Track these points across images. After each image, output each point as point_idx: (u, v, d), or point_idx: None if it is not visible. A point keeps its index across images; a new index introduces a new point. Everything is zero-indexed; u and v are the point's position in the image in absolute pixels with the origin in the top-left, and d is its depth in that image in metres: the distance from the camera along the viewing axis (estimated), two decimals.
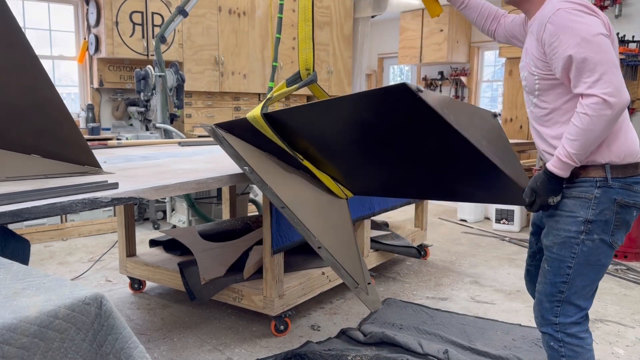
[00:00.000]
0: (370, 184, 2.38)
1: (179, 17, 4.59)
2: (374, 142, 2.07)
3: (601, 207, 1.76)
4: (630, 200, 1.77)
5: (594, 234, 1.77)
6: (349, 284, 2.12)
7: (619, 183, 1.76)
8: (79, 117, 6.15)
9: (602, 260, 1.81)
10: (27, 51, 1.95)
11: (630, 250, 4.36)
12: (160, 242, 3.62)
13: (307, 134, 2.19)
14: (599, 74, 1.62)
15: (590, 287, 1.84)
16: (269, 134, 2.18)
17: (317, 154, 2.26)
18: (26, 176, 2.10)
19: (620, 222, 1.79)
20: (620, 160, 1.76)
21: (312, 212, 2.23)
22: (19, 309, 0.97)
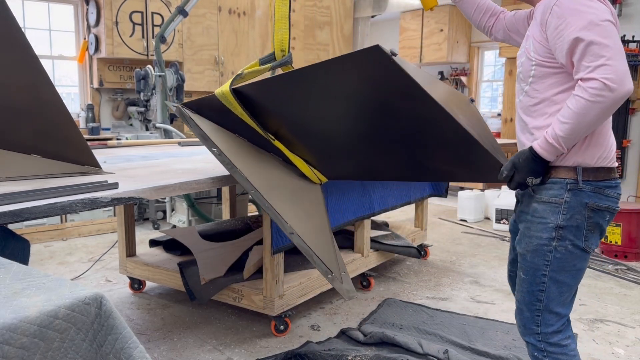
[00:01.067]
0: (344, 167, 2.27)
1: (179, 17, 4.59)
2: (346, 117, 1.98)
3: (572, 212, 1.71)
4: (602, 204, 1.72)
5: (566, 239, 1.72)
6: (322, 272, 2.05)
7: (590, 186, 1.71)
8: (79, 117, 6.15)
9: (578, 265, 1.76)
10: (27, 51, 1.95)
11: (630, 250, 4.37)
12: (160, 242, 3.62)
13: (278, 111, 2.09)
14: (604, 59, 1.54)
15: (568, 293, 1.80)
16: (238, 111, 2.07)
17: (290, 135, 2.16)
18: (26, 176, 2.10)
19: (593, 227, 1.73)
20: (593, 163, 1.71)
21: (284, 197, 2.14)
22: (19, 309, 0.97)
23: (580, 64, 1.59)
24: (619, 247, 4.38)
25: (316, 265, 2.06)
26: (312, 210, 2.23)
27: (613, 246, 4.41)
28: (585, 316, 3.23)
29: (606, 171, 1.72)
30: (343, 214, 3.23)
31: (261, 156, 2.25)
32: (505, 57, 7.77)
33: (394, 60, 1.60)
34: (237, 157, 2.12)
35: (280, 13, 2.17)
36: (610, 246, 4.43)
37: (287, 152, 2.21)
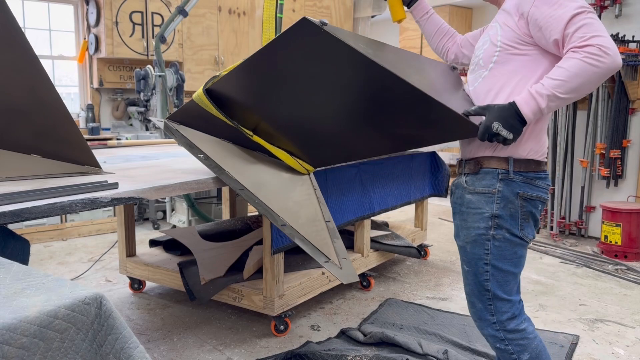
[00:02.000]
0: (324, 152, 2.23)
1: (178, 17, 4.59)
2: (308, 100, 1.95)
3: (505, 201, 1.75)
4: (533, 193, 1.77)
5: (502, 228, 1.76)
6: (318, 260, 2.03)
7: (521, 177, 1.75)
8: (79, 117, 6.15)
9: (519, 253, 1.81)
10: (27, 51, 1.95)
11: (630, 250, 4.36)
12: (160, 242, 3.62)
13: (249, 104, 2.08)
14: (599, 32, 1.55)
15: (513, 281, 1.83)
16: (213, 111, 2.07)
17: (268, 128, 2.14)
18: (26, 176, 2.10)
19: (527, 215, 1.78)
20: (525, 155, 1.75)
21: (273, 192, 2.14)
22: (19, 309, 0.97)
23: (574, 35, 1.58)
24: (619, 247, 4.38)
25: (312, 254, 2.04)
26: (303, 200, 2.22)
27: (613, 246, 4.41)
28: (585, 316, 3.23)
29: (536, 164, 1.77)
30: (343, 214, 3.23)
31: (247, 156, 2.26)
32: None
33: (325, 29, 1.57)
34: (223, 159, 2.14)
35: (268, 13, 2.20)
36: (610, 246, 4.43)
37: (268, 146, 2.20)
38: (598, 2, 4.80)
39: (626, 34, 4.71)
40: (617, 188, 4.84)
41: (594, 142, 4.81)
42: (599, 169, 4.72)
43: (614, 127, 4.70)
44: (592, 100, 4.77)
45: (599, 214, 4.76)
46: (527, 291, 3.63)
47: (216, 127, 2.19)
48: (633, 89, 4.65)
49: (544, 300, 3.48)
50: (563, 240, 4.92)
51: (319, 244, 2.07)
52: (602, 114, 4.73)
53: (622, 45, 4.62)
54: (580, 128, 4.97)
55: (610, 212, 4.45)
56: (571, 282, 3.83)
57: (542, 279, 3.90)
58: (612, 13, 4.82)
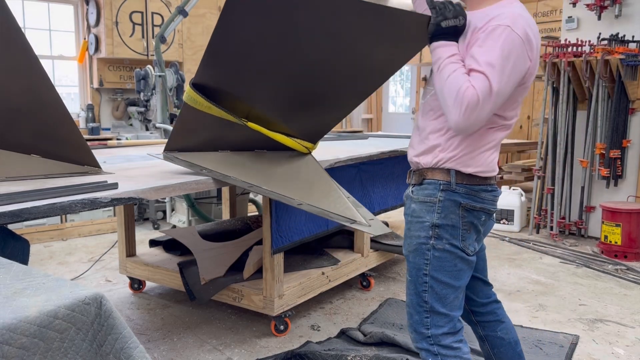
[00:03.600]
0: (316, 122, 2.26)
1: (179, 17, 4.59)
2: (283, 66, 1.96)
3: (446, 211, 1.73)
4: (476, 205, 1.75)
5: (442, 238, 1.73)
6: (345, 223, 2.05)
7: (464, 189, 1.74)
8: (79, 117, 6.15)
9: (459, 266, 1.77)
10: (27, 51, 1.95)
11: (630, 250, 4.36)
12: (160, 242, 3.62)
13: (236, 91, 2.07)
14: (498, 70, 1.56)
15: (453, 295, 1.78)
16: (204, 106, 2.05)
17: (260, 113, 2.15)
18: (26, 176, 2.10)
19: (469, 226, 1.75)
20: (465, 170, 1.73)
21: (281, 179, 2.17)
22: (19, 309, 0.97)
23: (478, 50, 1.61)
24: (619, 247, 4.38)
25: (337, 220, 2.05)
26: (312, 177, 2.24)
27: (613, 246, 4.41)
28: (585, 316, 3.23)
29: (480, 179, 1.76)
30: None
31: (246, 157, 2.30)
32: None
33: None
34: (224, 167, 2.20)
35: None
36: (610, 246, 4.43)
37: (264, 130, 2.19)
38: (598, 2, 4.80)
39: (626, 34, 4.71)
40: (617, 188, 4.84)
41: (594, 142, 4.81)
42: (599, 169, 4.72)
43: (613, 127, 4.70)
44: (592, 100, 4.78)
45: (598, 214, 4.76)
46: (527, 291, 3.63)
47: (212, 129, 2.20)
48: (633, 89, 4.65)
49: (543, 300, 3.48)
50: (563, 240, 4.92)
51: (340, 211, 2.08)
52: (602, 114, 4.73)
53: (622, 45, 4.62)
54: (580, 128, 4.97)
55: (610, 212, 4.45)
56: (571, 282, 3.83)
57: (542, 279, 3.90)
58: (612, 13, 4.82)
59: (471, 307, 2.04)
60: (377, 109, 9.33)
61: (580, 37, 4.91)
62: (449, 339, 1.78)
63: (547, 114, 5.11)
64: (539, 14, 7.23)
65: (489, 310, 2.03)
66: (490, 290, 2.05)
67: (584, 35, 4.95)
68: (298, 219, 2.92)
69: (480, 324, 2.04)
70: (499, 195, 1.85)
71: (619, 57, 4.48)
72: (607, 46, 4.64)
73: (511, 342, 2.01)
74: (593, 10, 4.87)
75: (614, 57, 4.50)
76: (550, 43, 4.98)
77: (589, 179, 4.91)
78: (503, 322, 2.02)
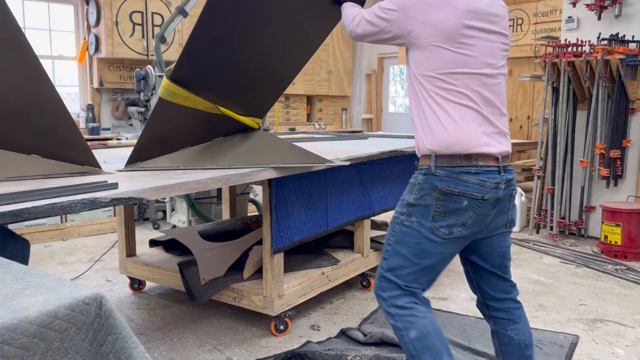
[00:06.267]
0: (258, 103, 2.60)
1: (179, 17, 4.58)
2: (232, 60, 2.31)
3: (422, 192, 1.83)
4: (455, 188, 1.79)
5: (413, 216, 1.85)
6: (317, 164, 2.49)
7: (445, 172, 1.81)
8: (79, 117, 6.15)
9: (423, 245, 1.83)
10: (27, 51, 1.95)
11: (630, 250, 4.36)
12: (160, 242, 3.62)
13: (205, 81, 2.31)
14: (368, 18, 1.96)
15: (409, 269, 1.86)
16: (183, 95, 2.26)
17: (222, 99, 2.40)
18: (26, 176, 2.10)
19: (444, 210, 1.81)
20: (443, 150, 1.81)
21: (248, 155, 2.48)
22: (19, 309, 0.97)
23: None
24: (619, 247, 4.38)
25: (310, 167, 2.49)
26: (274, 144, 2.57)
27: (613, 246, 4.41)
28: (585, 316, 3.23)
29: (462, 158, 1.80)
30: (343, 214, 3.23)
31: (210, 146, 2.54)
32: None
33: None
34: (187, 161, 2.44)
35: None
36: (610, 246, 4.43)
37: (234, 114, 2.49)
38: (598, 2, 4.80)
39: (626, 34, 4.71)
40: (617, 188, 4.84)
41: (593, 142, 4.81)
42: (599, 169, 4.72)
43: (613, 127, 4.70)
44: (592, 100, 4.78)
45: (598, 214, 4.76)
46: (527, 291, 3.63)
47: (183, 123, 2.42)
48: (633, 89, 4.65)
49: (543, 300, 3.48)
50: (563, 240, 4.92)
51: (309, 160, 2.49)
52: (602, 114, 4.73)
53: (622, 45, 4.62)
54: (580, 128, 4.97)
55: (610, 212, 4.45)
56: (571, 282, 3.83)
57: (542, 279, 3.90)
58: (612, 13, 4.82)
59: (485, 300, 2.05)
60: (377, 109, 9.33)
61: (580, 37, 4.91)
62: (402, 299, 1.88)
63: (547, 114, 5.11)
64: (539, 14, 7.23)
65: (504, 307, 2.02)
66: (508, 287, 2.03)
67: (584, 35, 4.95)
68: (298, 219, 2.92)
69: (492, 319, 2.05)
70: (496, 179, 1.81)
71: (619, 57, 4.48)
72: (607, 46, 4.65)
73: (520, 344, 1.99)
74: (593, 10, 4.87)
75: (614, 57, 4.50)
76: (550, 43, 4.98)
77: (589, 179, 4.91)
78: (517, 323, 2.01)
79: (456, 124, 1.81)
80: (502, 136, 1.88)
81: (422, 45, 1.83)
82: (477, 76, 1.83)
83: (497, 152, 1.83)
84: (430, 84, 1.84)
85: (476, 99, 1.83)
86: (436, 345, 1.82)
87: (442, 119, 1.82)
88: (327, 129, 7.94)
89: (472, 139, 1.81)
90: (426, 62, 1.83)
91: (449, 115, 1.82)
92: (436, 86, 1.83)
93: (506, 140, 1.90)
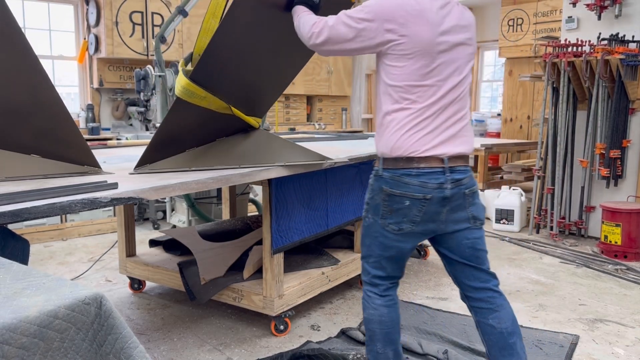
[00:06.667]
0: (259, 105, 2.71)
1: (178, 17, 4.58)
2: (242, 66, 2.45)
3: (373, 193, 2.01)
4: (397, 190, 1.93)
5: (369, 213, 2.04)
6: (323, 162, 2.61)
7: (389, 174, 1.95)
8: (79, 117, 6.15)
9: (380, 239, 2.02)
10: (27, 51, 1.95)
11: (630, 250, 4.36)
12: (160, 242, 3.62)
13: (219, 83, 2.40)
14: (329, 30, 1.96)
15: (373, 257, 2.07)
16: (200, 95, 2.34)
17: (228, 99, 2.48)
18: (26, 176, 2.10)
19: (390, 209, 1.96)
20: (389, 153, 1.94)
21: (254, 154, 2.58)
22: (19, 309, 0.97)
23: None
24: (619, 247, 4.38)
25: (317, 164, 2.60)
26: (275, 143, 2.66)
27: (613, 246, 4.41)
28: (585, 316, 3.23)
29: (405, 161, 1.92)
30: (343, 214, 3.23)
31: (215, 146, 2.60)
32: (505, 57, 7.77)
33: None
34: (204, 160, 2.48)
35: (208, 25, 2.51)
36: (610, 246, 4.43)
37: (242, 115, 2.58)
38: (598, 2, 4.80)
39: (626, 34, 4.71)
40: (617, 188, 4.84)
41: (593, 142, 4.81)
42: (599, 169, 4.72)
43: (613, 127, 4.70)
44: (592, 100, 4.78)
45: (598, 214, 4.76)
46: (527, 291, 3.63)
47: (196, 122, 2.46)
48: (633, 89, 4.65)
49: (544, 300, 3.48)
50: (563, 240, 4.92)
51: (312, 158, 2.61)
52: (602, 114, 4.73)
53: (622, 45, 4.62)
54: (580, 128, 4.97)
55: (610, 212, 4.45)
56: (571, 282, 3.83)
57: (542, 279, 3.90)
58: (612, 13, 4.82)
59: (464, 292, 2.12)
60: None
61: (580, 37, 4.91)
62: (367, 286, 2.12)
63: (547, 114, 5.11)
64: (539, 14, 7.23)
65: (482, 297, 2.07)
66: (484, 276, 2.08)
67: (584, 35, 4.95)
68: (298, 219, 2.92)
69: (473, 309, 2.12)
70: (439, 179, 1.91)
71: (619, 57, 4.48)
72: (607, 46, 4.64)
73: (503, 332, 2.03)
74: (593, 10, 4.87)
75: (614, 57, 4.50)
76: (550, 43, 4.98)
77: (589, 179, 4.90)
78: (497, 312, 2.05)
79: (403, 129, 1.92)
80: (457, 139, 1.97)
81: (397, 57, 1.90)
82: (440, 88, 1.93)
83: (442, 154, 1.93)
84: (396, 93, 1.93)
85: (433, 107, 1.92)
86: (374, 331, 2.10)
87: (393, 125, 1.94)
88: (327, 129, 7.93)
89: (416, 144, 1.92)
90: (398, 72, 1.91)
91: (400, 122, 1.93)
92: (399, 95, 1.93)
93: (462, 142, 1.98)
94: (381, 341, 2.09)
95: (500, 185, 6.00)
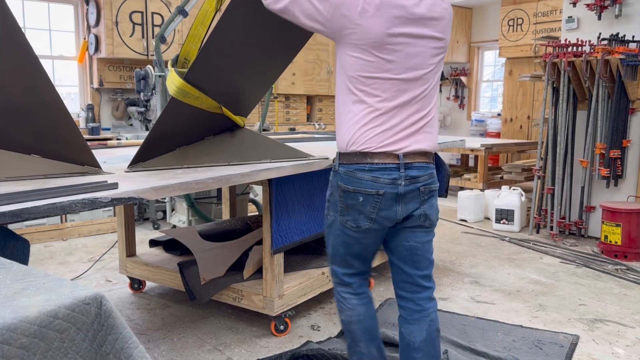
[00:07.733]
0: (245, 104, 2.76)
1: (178, 17, 4.58)
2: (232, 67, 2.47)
3: (332, 189, 1.99)
4: (350, 186, 1.89)
5: (330, 210, 2.01)
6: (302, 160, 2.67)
7: (344, 169, 1.91)
8: (79, 117, 6.15)
9: (342, 237, 1.98)
10: (27, 51, 1.95)
11: (630, 250, 4.36)
12: (160, 242, 3.62)
13: (210, 84, 2.44)
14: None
15: (339, 257, 2.04)
16: (194, 95, 2.37)
17: (219, 99, 2.51)
18: (26, 176, 2.10)
19: (346, 206, 1.92)
20: (345, 148, 1.91)
21: (242, 151, 2.65)
22: (19, 309, 0.97)
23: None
24: (619, 247, 4.38)
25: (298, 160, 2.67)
26: (260, 141, 2.75)
27: (613, 246, 4.41)
28: (585, 316, 3.23)
29: (359, 156, 1.88)
30: None
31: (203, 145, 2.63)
32: (505, 57, 7.77)
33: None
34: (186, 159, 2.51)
35: (196, 32, 2.57)
36: (610, 246, 4.43)
37: (231, 115, 2.63)
38: (598, 2, 4.80)
39: (626, 34, 4.71)
40: (617, 188, 4.84)
41: (594, 142, 4.81)
42: (599, 169, 4.72)
43: (613, 127, 4.70)
44: (592, 100, 4.78)
45: (599, 214, 4.76)
46: (527, 291, 3.63)
47: (187, 122, 2.51)
48: (633, 89, 4.65)
49: (544, 300, 3.48)
50: (563, 240, 4.92)
51: (295, 155, 2.70)
52: (602, 114, 4.73)
53: (622, 45, 4.62)
54: (580, 128, 4.97)
55: (610, 212, 4.45)
56: (571, 282, 3.83)
57: (542, 279, 3.90)
58: (612, 13, 4.82)
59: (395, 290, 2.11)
60: None
61: (580, 37, 4.91)
62: (339, 287, 2.09)
63: (547, 114, 5.11)
64: (539, 14, 7.23)
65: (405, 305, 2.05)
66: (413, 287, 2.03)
67: (584, 35, 4.95)
68: (298, 219, 2.92)
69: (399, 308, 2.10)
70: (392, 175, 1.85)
71: (619, 57, 4.48)
72: (607, 46, 4.64)
73: (409, 344, 2.02)
74: (593, 10, 4.87)
75: (614, 57, 4.50)
76: (550, 43, 4.98)
77: (589, 179, 4.90)
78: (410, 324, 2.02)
79: (358, 124, 1.88)
80: (417, 135, 1.90)
81: (351, 46, 1.84)
82: (397, 81, 1.85)
83: (397, 150, 1.87)
84: (352, 84, 1.87)
85: (392, 102, 1.85)
86: (355, 332, 2.06)
87: (349, 119, 1.89)
88: (327, 129, 7.93)
89: (372, 139, 1.87)
90: (352, 62, 1.85)
91: (355, 116, 1.88)
92: (355, 87, 1.87)
93: (422, 139, 1.91)
94: (364, 340, 2.05)
95: (501, 185, 6.00)
